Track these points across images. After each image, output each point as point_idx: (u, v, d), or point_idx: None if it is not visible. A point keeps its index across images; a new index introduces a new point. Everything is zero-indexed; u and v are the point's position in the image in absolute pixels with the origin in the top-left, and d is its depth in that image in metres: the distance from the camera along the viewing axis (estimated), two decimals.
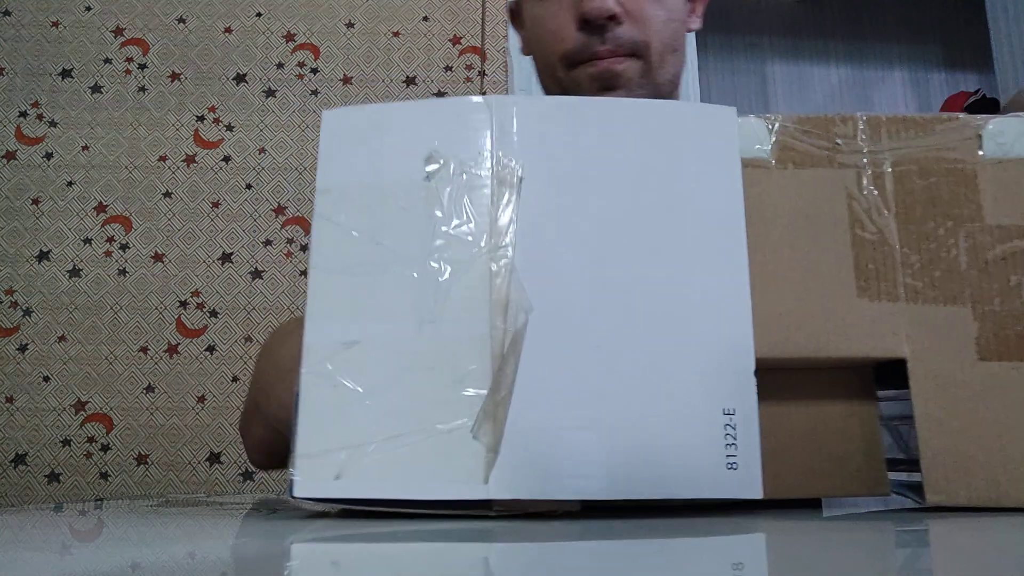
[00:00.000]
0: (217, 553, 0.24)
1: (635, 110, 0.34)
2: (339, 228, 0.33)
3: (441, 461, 0.30)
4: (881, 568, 0.19)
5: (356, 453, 0.30)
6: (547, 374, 0.30)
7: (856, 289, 0.32)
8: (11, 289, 1.45)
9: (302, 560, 0.24)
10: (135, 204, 1.51)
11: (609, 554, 0.22)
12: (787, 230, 0.33)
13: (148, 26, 1.59)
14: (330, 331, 0.32)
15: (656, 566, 0.19)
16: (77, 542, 0.28)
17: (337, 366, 0.31)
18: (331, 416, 0.31)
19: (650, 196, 0.32)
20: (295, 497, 0.30)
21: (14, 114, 1.52)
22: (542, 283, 0.31)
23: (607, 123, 0.33)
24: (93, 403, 1.42)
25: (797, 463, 0.32)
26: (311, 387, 0.31)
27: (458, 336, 0.31)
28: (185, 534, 0.29)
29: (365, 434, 0.30)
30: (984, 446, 0.31)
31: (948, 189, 0.33)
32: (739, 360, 0.31)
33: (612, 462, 0.30)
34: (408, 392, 0.31)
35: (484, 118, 0.33)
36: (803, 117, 0.34)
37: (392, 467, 0.30)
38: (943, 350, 0.32)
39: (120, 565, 0.20)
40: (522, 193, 0.32)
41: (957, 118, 0.34)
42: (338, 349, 0.31)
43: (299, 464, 0.30)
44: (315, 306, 0.32)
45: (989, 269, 0.32)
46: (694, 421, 0.30)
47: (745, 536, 0.26)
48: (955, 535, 0.25)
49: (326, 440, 0.30)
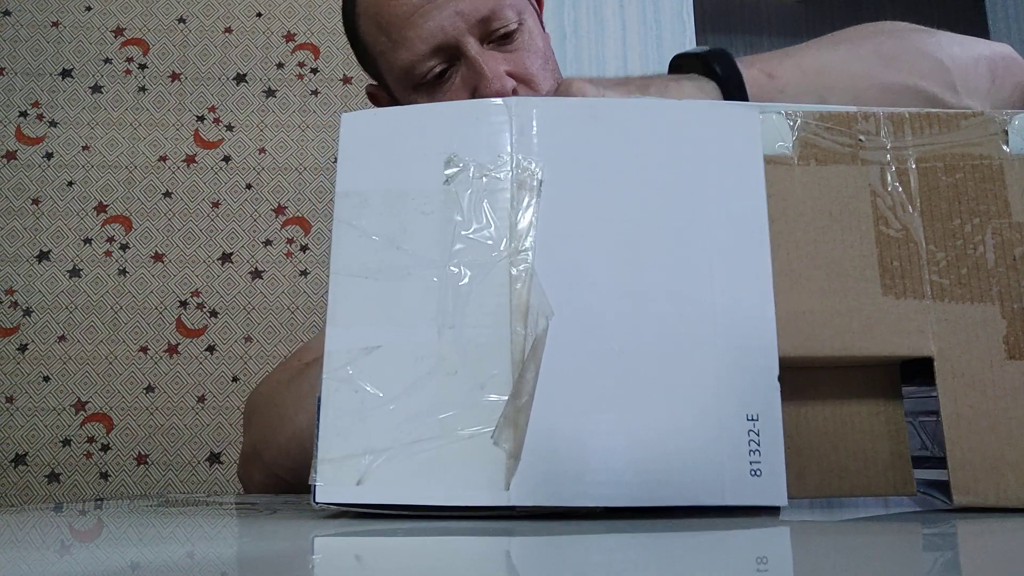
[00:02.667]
0: (217, 553, 0.24)
1: (656, 110, 0.34)
2: (359, 232, 0.33)
3: (462, 467, 0.30)
4: (908, 565, 0.19)
5: (378, 458, 0.30)
6: (568, 379, 0.30)
7: (881, 287, 0.32)
8: (11, 289, 1.45)
9: (325, 554, 0.24)
10: (135, 204, 1.51)
11: (631, 547, 0.22)
12: (810, 228, 0.32)
13: (148, 26, 1.59)
14: (351, 336, 0.31)
15: (679, 559, 0.19)
16: (77, 542, 0.28)
17: (358, 371, 0.31)
18: (353, 421, 0.31)
19: (672, 197, 0.32)
20: (318, 503, 0.30)
21: (14, 114, 1.52)
22: (563, 287, 0.31)
23: (628, 124, 0.33)
24: (93, 403, 1.42)
25: (822, 462, 0.32)
26: (332, 392, 0.31)
27: (479, 341, 0.31)
28: (185, 534, 0.29)
29: (387, 439, 0.30)
30: (1014, 445, 0.30)
31: (974, 185, 0.33)
32: (762, 364, 0.31)
33: (634, 468, 0.29)
34: (429, 397, 0.31)
35: (503, 120, 0.33)
36: (825, 113, 0.34)
37: (413, 472, 0.30)
38: (970, 348, 0.31)
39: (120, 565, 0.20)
40: (542, 196, 0.32)
41: (982, 113, 0.33)
42: (359, 354, 0.31)
43: (321, 469, 0.30)
44: (336, 311, 0.32)
45: (1017, 266, 0.32)
46: (716, 427, 0.30)
47: (769, 530, 0.25)
48: (985, 537, 0.24)
49: (348, 445, 0.30)
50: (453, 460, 0.30)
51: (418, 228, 0.32)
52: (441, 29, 0.58)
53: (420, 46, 0.59)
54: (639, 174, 0.32)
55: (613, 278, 0.31)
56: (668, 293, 0.31)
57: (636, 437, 0.30)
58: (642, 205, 0.32)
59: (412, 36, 0.59)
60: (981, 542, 0.23)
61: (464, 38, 0.59)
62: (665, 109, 0.34)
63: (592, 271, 0.31)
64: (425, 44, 0.59)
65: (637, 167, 0.33)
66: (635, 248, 0.32)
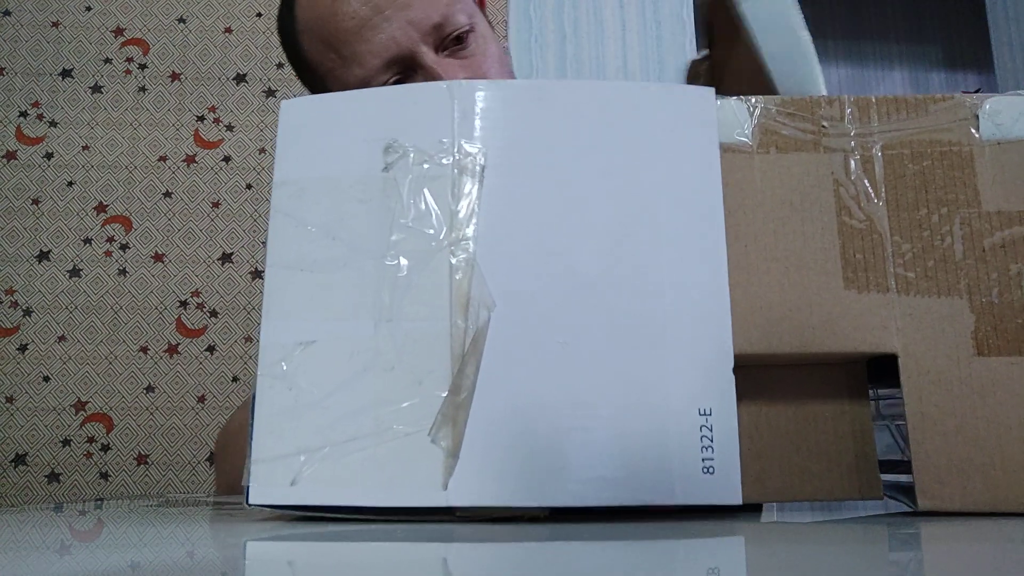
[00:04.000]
0: (217, 553, 0.24)
1: (606, 92, 0.32)
2: (296, 223, 0.31)
3: (399, 466, 0.28)
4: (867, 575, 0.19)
5: (312, 458, 0.29)
6: (511, 374, 0.29)
7: (843, 280, 0.30)
8: (11, 289, 1.45)
9: (254, 560, 0.23)
10: (135, 204, 1.51)
11: (575, 557, 0.21)
12: (769, 219, 0.31)
13: (148, 26, 1.59)
14: (286, 330, 0.30)
15: (625, 571, 0.18)
16: (77, 542, 0.28)
17: (293, 367, 0.30)
18: (287, 419, 0.29)
19: (621, 184, 0.31)
20: (250, 505, 0.29)
21: (14, 114, 1.52)
22: (506, 277, 0.30)
23: (575, 106, 0.31)
24: (93, 403, 1.42)
25: (783, 465, 0.30)
26: (266, 389, 0.30)
27: (417, 335, 0.29)
28: (185, 534, 0.29)
29: (321, 438, 0.29)
30: (981, 447, 0.29)
31: (942, 173, 0.31)
32: (716, 356, 0.29)
33: (579, 467, 0.28)
34: (365, 394, 0.29)
35: (446, 104, 0.31)
36: (786, 99, 0.32)
37: (349, 472, 0.29)
38: (937, 345, 0.30)
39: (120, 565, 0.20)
40: (485, 182, 0.31)
41: (952, 97, 0.32)
42: (294, 349, 0.30)
43: (254, 470, 0.29)
44: (271, 304, 0.31)
45: (987, 258, 0.30)
46: (666, 423, 0.28)
47: (722, 539, 0.24)
48: (950, 542, 0.23)
49: (282, 444, 0.29)
50: (389, 459, 0.28)
51: (355, 217, 0.31)
52: (394, 40, 0.57)
53: (373, 60, 0.57)
54: (587, 159, 0.31)
55: (559, 268, 0.30)
56: (616, 284, 0.30)
57: (581, 435, 0.28)
58: (590, 192, 0.30)
59: (364, 51, 0.57)
60: (947, 551, 0.22)
61: (418, 48, 0.57)
62: (617, 92, 0.32)
63: (536, 261, 0.30)
64: (378, 58, 0.57)
65: (585, 152, 0.31)
66: (582, 237, 0.30)
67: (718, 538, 0.25)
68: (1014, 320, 0.30)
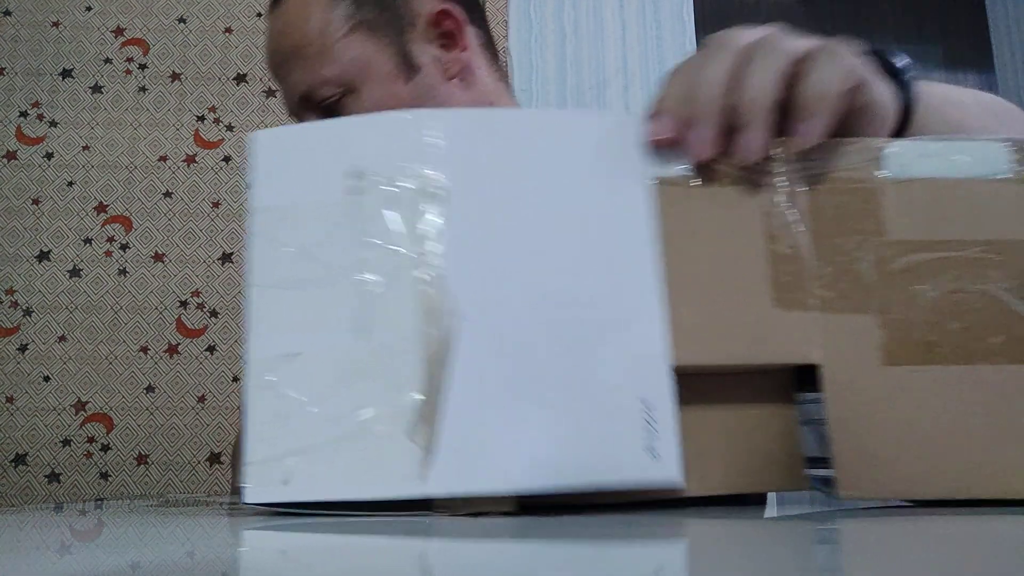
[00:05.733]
0: (217, 553, 0.24)
1: (554, 120, 0.36)
2: (276, 246, 0.34)
3: (381, 463, 0.31)
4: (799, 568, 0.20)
5: (302, 459, 0.32)
6: (477, 375, 0.32)
7: (772, 300, 0.34)
8: (11, 289, 1.45)
9: (250, 547, 0.25)
10: (135, 204, 1.51)
11: (522, 556, 0.22)
12: (706, 246, 0.35)
13: (148, 26, 1.59)
14: (272, 344, 0.33)
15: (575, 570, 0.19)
16: (77, 542, 0.28)
17: (280, 377, 0.33)
18: (277, 424, 0.32)
19: (564, 209, 0.34)
20: (247, 504, 0.31)
21: (14, 114, 1.52)
22: (470, 290, 0.33)
23: (528, 134, 0.35)
24: (93, 403, 1.42)
25: (723, 462, 0.34)
26: (256, 398, 0.33)
27: (392, 344, 0.33)
28: (185, 534, 0.29)
29: (309, 440, 0.32)
30: (888, 444, 0.33)
31: (855, 206, 0.35)
32: (654, 352, 0.33)
33: (541, 455, 0.31)
34: (348, 399, 0.32)
35: (412, 133, 0.35)
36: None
37: (335, 470, 0.32)
38: (852, 356, 0.34)
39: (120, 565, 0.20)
40: (448, 204, 0.34)
41: (861, 141, 0.36)
42: (280, 361, 0.33)
43: (248, 472, 0.32)
44: (255, 321, 0.34)
45: (893, 280, 0.35)
46: (614, 413, 0.32)
47: (667, 542, 0.25)
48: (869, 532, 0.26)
49: (273, 447, 0.32)
50: (372, 457, 0.32)
51: (330, 239, 0.34)
52: (294, 90, 0.66)
53: (290, 100, 0.68)
54: (536, 185, 0.35)
55: (517, 281, 0.33)
56: (565, 295, 0.33)
57: (542, 427, 0.32)
58: (539, 214, 0.34)
59: (282, 89, 0.69)
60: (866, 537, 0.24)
61: (302, 114, 0.66)
62: (562, 120, 0.36)
63: (497, 274, 0.33)
64: (291, 99, 0.67)
65: (534, 178, 0.35)
66: (535, 254, 0.34)
67: (662, 541, 0.26)
68: (916, 334, 0.34)
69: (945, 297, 0.34)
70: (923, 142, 0.36)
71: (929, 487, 0.33)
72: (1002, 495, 0.33)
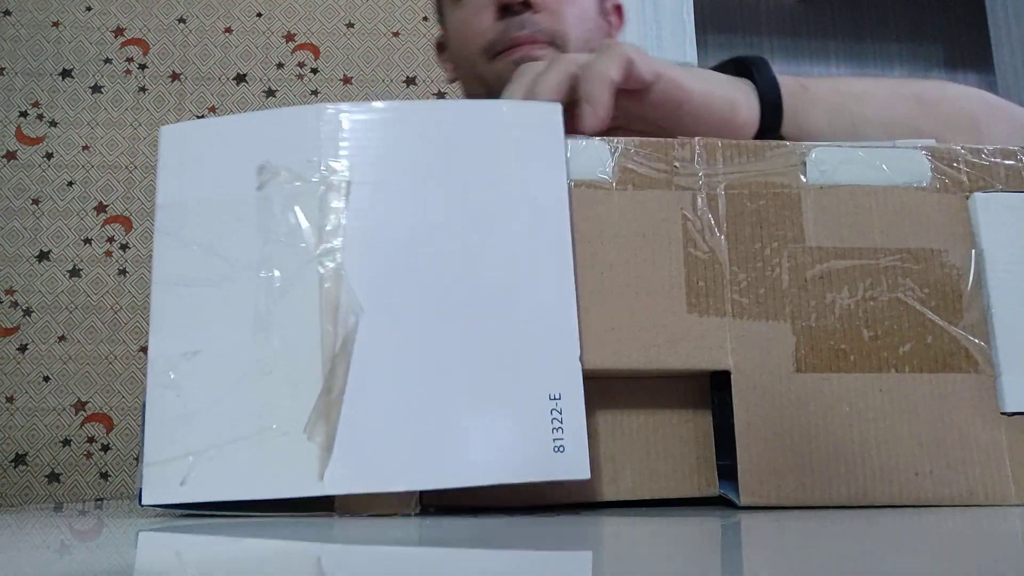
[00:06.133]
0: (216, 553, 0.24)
1: (460, 111, 0.35)
2: (179, 243, 0.34)
3: (278, 462, 0.31)
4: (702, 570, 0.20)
5: (199, 459, 0.31)
6: (378, 372, 0.32)
7: (687, 305, 0.34)
8: (11, 289, 1.45)
9: (146, 548, 0.25)
10: (135, 204, 1.51)
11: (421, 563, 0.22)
12: (623, 249, 0.34)
13: (148, 26, 1.59)
14: (172, 343, 0.33)
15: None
16: (77, 542, 0.28)
17: (180, 376, 0.32)
18: (176, 424, 0.32)
19: (474, 202, 0.34)
20: (143, 505, 0.31)
21: (14, 114, 1.52)
22: (372, 286, 0.32)
23: (436, 126, 0.34)
24: (93, 403, 1.42)
25: (635, 467, 0.34)
26: (156, 398, 0.32)
27: (291, 341, 0.32)
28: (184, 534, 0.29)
29: (208, 440, 0.31)
30: (793, 451, 0.33)
31: (775, 212, 0.35)
32: (563, 347, 0.32)
33: (442, 452, 0.31)
34: (247, 397, 0.32)
35: (314, 127, 0.34)
36: (645, 140, 0.36)
37: (233, 470, 0.31)
38: (764, 363, 0.34)
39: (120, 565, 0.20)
40: (351, 198, 0.33)
41: (785, 145, 0.36)
42: (180, 360, 0.33)
43: (146, 472, 0.31)
44: (158, 319, 0.33)
45: (808, 287, 0.34)
46: (520, 407, 0.31)
47: (572, 553, 0.25)
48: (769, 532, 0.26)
49: (171, 448, 0.32)
50: (270, 456, 0.31)
51: (233, 235, 0.34)
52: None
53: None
54: (445, 178, 0.34)
55: (420, 277, 0.33)
56: (472, 289, 0.33)
57: (445, 423, 0.31)
58: (447, 208, 0.33)
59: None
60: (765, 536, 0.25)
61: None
62: (470, 110, 0.36)
63: (400, 270, 0.33)
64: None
65: (443, 171, 0.34)
66: (440, 248, 0.33)
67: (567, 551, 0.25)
68: (827, 342, 0.34)
69: (859, 305, 0.34)
70: (847, 149, 0.36)
71: (831, 495, 0.33)
72: (898, 501, 0.33)
